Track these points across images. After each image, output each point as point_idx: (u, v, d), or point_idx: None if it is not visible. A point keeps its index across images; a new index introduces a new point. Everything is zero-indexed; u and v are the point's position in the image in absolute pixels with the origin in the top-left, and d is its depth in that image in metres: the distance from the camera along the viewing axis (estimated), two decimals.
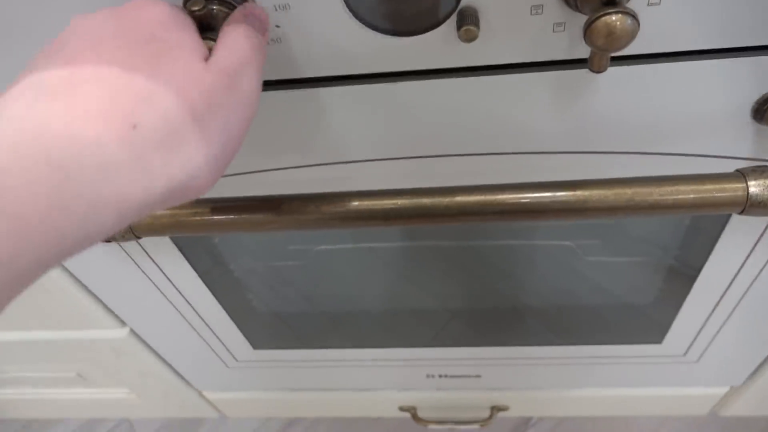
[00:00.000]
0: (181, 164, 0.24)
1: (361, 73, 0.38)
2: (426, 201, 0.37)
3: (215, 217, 0.39)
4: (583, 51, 0.36)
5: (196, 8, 0.31)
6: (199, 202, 0.40)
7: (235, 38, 0.29)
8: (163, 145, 0.23)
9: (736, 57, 0.37)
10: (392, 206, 0.37)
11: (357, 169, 0.44)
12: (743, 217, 0.50)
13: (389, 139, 0.43)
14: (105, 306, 0.66)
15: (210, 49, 0.30)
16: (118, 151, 0.22)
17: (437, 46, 0.36)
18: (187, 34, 0.28)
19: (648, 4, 0.34)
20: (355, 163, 0.44)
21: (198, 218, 0.39)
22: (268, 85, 0.39)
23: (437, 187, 0.38)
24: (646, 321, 0.69)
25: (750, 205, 0.35)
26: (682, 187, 0.36)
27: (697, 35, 0.35)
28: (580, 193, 0.36)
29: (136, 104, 0.23)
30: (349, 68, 0.37)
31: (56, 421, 1.11)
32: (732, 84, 0.38)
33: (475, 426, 0.91)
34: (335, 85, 0.39)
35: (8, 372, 0.87)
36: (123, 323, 0.71)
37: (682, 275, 0.60)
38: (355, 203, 0.38)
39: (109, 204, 0.22)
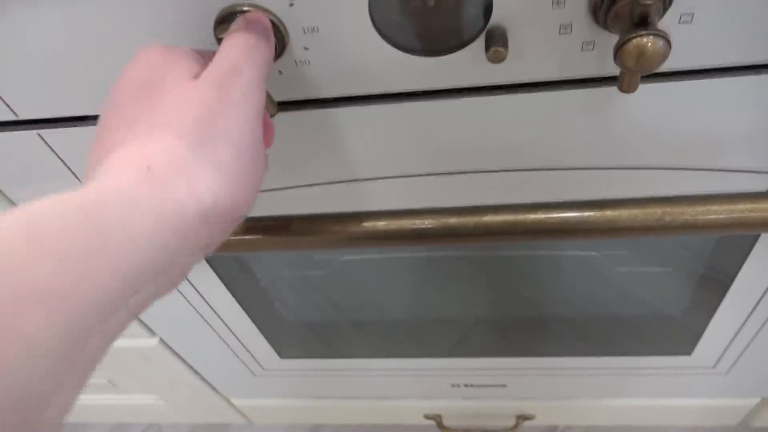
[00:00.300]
0: (209, 183, 0.25)
1: (389, 92, 0.38)
2: (453, 221, 0.37)
3: (238, 238, 0.39)
4: (612, 68, 0.36)
5: (223, 36, 0.32)
6: None
7: (228, 42, 0.30)
8: (179, 173, 0.25)
9: (763, 73, 0.36)
10: (420, 226, 0.37)
11: (384, 186, 0.45)
12: None
13: (416, 156, 0.43)
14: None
15: None
16: (137, 191, 0.23)
17: (465, 65, 0.36)
18: (175, 63, 0.29)
19: (680, 22, 0.33)
20: (382, 180, 0.44)
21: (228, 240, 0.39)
22: (297, 105, 0.39)
23: (465, 207, 0.38)
24: (676, 332, 0.68)
25: None
26: (714, 207, 0.35)
27: (730, 51, 0.35)
28: (609, 213, 0.36)
29: (144, 145, 0.25)
30: (376, 88, 0.37)
31: (86, 425, 1.13)
32: (763, 100, 0.38)
33: None
34: (363, 105, 0.39)
35: None
36: (153, 332, 0.72)
37: (713, 286, 0.59)
38: (383, 223, 0.38)
39: (139, 233, 0.23)
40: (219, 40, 0.32)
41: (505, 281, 0.67)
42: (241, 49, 0.29)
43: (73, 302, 0.19)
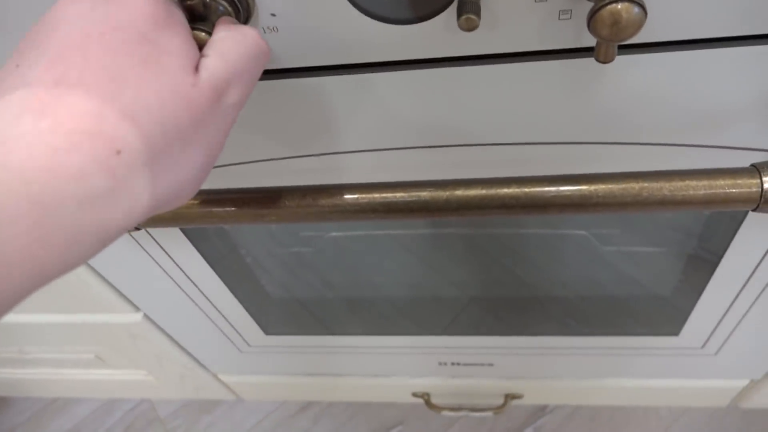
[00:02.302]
0: (167, 184, 0.24)
1: (359, 62, 0.37)
2: (425, 194, 0.36)
3: (214, 209, 0.38)
4: (590, 39, 0.35)
5: None
6: (200, 194, 0.40)
7: (230, 46, 0.28)
8: (146, 167, 0.23)
9: (755, 45, 0.35)
10: (391, 199, 0.36)
11: (356, 160, 0.44)
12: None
13: (388, 129, 0.42)
14: (118, 291, 0.67)
15: (200, 44, 0.29)
16: (100, 181, 0.21)
17: (438, 34, 0.35)
18: (178, 36, 0.26)
19: None
20: (354, 153, 0.43)
21: (196, 210, 0.38)
22: (265, 74, 0.38)
23: (437, 180, 0.37)
24: (663, 313, 0.67)
25: (764, 202, 0.34)
26: (693, 182, 0.34)
27: (713, 22, 0.33)
28: (585, 188, 0.35)
29: (122, 124, 0.22)
30: (346, 57, 0.36)
31: (79, 399, 1.14)
32: (751, 73, 0.36)
33: (489, 413, 0.91)
34: (332, 75, 0.38)
35: (30, 353, 0.89)
36: (137, 308, 0.71)
37: (701, 267, 0.58)
38: (354, 196, 0.37)
39: (89, 233, 0.21)
40: (181, 1, 0.31)
41: (496, 259, 0.67)
42: (243, 57, 0.28)
43: None
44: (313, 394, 1.00)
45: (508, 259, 0.66)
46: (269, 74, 0.38)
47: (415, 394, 0.92)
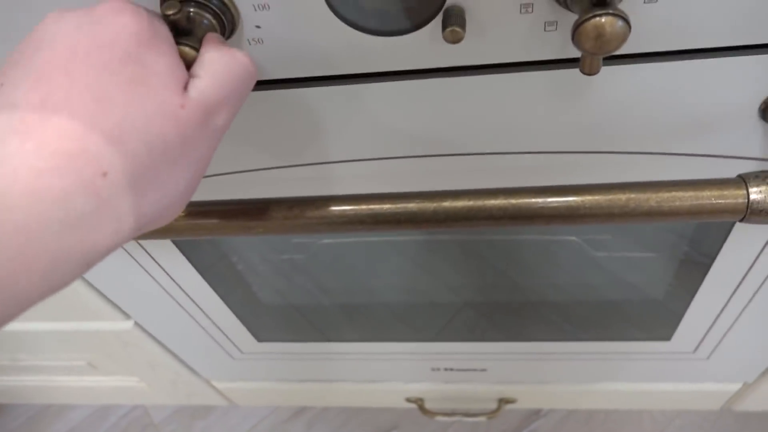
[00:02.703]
0: (152, 203, 0.24)
1: (344, 74, 0.37)
2: (412, 206, 0.36)
3: (202, 221, 0.38)
4: (576, 50, 0.34)
5: (171, 12, 0.30)
6: (188, 207, 0.40)
7: (221, 68, 0.28)
8: (131, 188, 0.23)
9: (742, 55, 0.35)
10: (378, 211, 0.36)
11: (342, 170, 0.44)
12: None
13: (376, 139, 0.42)
14: (108, 299, 0.66)
15: (186, 59, 0.29)
16: (84, 204, 0.21)
17: (424, 45, 0.35)
18: (164, 55, 0.26)
19: (644, 2, 0.32)
20: (340, 164, 0.43)
21: (184, 222, 0.38)
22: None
23: (424, 192, 0.37)
24: (655, 318, 0.67)
25: (751, 213, 0.34)
26: (680, 194, 0.34)
27: (700, 33, 0.33)
28: (572, 199, 0.35)
29: (107, 146, 0.22)
30: (332, 69, 0.36)
31: (72, 406, 1.13)
32: (738, 83, 0.36)
33: (483, 418, 0.91)
34: (318, 86, 0.38)
35: (23, 360, 0.89)
36: (128, 316, 0.71)
37: (693, 272, 0.58)
38: (341, 208, 0.37)
39: (73, 256, 0.21)
40: (165, 16, 0.30)
41: (489, 265, 0.67)
42: (234, 80, 0.28)
43: None
44: (306, 399, 1.00)
45: (500, 264, 0.66)
46: (254, 85, 0.38)
47: (408, 400, 0.92)
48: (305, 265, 0.68)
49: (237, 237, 0.44)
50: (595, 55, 0.29)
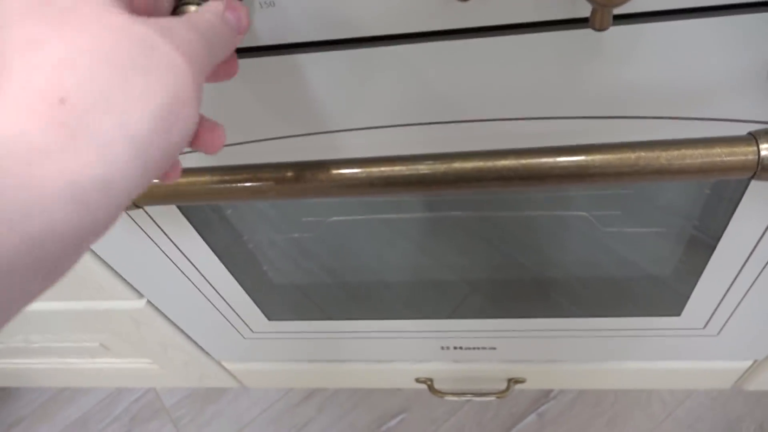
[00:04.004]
0: (140, 118, 0.22)
1: (354, 37, 0.37)
2: (423, 167, 0.36)
3: (213, 186, 0.39)
4: (586, 9, 0.35)
5: None
6: (198, 171, 0.40)
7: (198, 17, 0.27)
8: (102, 106, 0.21)
9: (752, 13, 0.35)
10: (389, 173, 0.37)
11: (352, 138, 0.44)
12: (764, 183, 0.48)
13: (384, 105, 0.42)
14: (121, 277, 0.67)
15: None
16: (46, 137, 0.20)
17: (432, 7, 0.35)
18: None
19: None
20: (350, 132, 0.43)
21: (196, 187, 0.39)
22: (262, 51, 0.38)
23: (434, 153, 0.37)
24: (665, 293, 0.67)
25: (762, 170, 0.34)
26: (690, 151, 0.34)
27: None
28: (582, 158, 0.35)
29: (60, 73, 0.21)
30: (345, 32, 0.36)
31: (86, 389, 1.14)
32: (748, 43, 0.36)
33: (493, 398, 0.91)
34: (331, 50, 0.38)
35: (35, 342, 0.90)
36: (140, 294, 0.72)
37: (702, 246, 0.58)
38: (353, 170, 0.37)
39: (51, 193, 0.20)
40: None
41: (498, 243, 0.67)
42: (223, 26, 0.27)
43: None
44: (316, 381, 1.00)
45: (509, 242, 0.67)
46: (264, 51, 0.39)
47: (418, 380, 0.93)
48: (314, 243, 0.69)
49: (249, 201, 0.44)
50: (606, 6, 0.30)
